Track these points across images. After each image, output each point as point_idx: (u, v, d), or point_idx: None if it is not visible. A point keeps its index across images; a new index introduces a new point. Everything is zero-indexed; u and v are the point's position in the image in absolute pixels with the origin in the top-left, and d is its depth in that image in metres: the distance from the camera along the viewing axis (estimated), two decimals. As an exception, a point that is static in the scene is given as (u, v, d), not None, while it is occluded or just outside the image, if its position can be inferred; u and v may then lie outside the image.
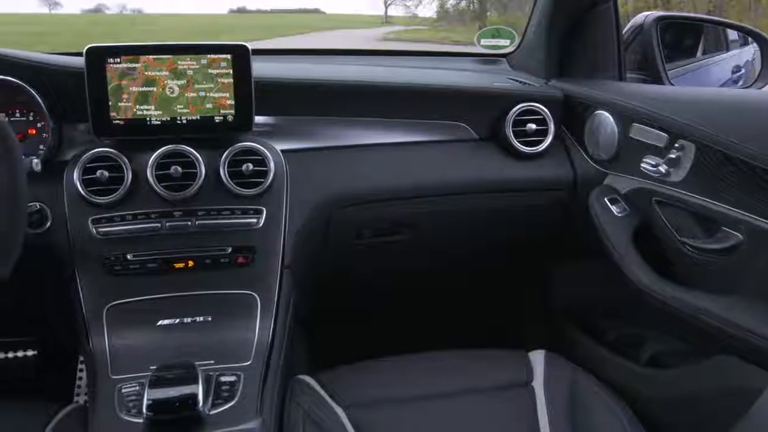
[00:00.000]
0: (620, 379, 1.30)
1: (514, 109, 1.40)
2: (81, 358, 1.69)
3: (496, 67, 1.78)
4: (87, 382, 1.07)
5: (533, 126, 1.40)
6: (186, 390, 0.91)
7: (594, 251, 1.30)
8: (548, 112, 1.42)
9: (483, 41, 1.73)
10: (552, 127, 1.42)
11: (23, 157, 0.93)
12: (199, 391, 0.91)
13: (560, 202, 1.45)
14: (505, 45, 1.75)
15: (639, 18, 1.64)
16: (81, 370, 1.67)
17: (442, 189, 1.38)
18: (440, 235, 1.49)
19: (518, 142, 1.40)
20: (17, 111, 1.19)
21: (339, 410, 1.06)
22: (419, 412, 1.08)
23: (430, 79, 1.51)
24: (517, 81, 1.56)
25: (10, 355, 1.66)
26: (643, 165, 1.24)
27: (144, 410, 0.89)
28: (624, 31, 1.59)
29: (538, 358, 1.19)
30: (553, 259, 1.70)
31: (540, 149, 1.41)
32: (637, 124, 1.26)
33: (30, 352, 1.67)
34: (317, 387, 1.11)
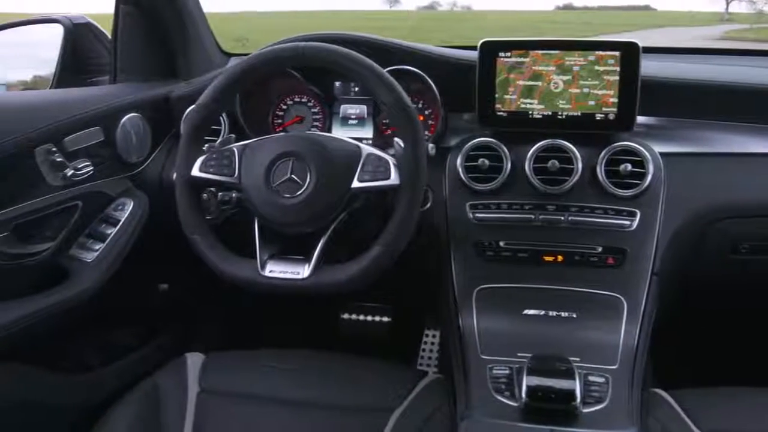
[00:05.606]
0: None
1: None
2: (426, 331, 1.84)
3: None
4: (454, 357, 1.13)
5: None
6: (564, 383, 0.92)
7: None
8: None
9: None
10: None
11: None
12: (577, 386, 0.92)
13: None
14: None
15: None
16: (425, 342, 1.82)
17: None
18: None
19: None
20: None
21: None
22: None
23: None
24: None
25: (369, 318, 1.87)
26: None
27: (523, 395, 0.93)
28: None
29: None
30: None
31: None
32: None
33: (385, 318, 1.87)
34: (675, 404, 1.05)
